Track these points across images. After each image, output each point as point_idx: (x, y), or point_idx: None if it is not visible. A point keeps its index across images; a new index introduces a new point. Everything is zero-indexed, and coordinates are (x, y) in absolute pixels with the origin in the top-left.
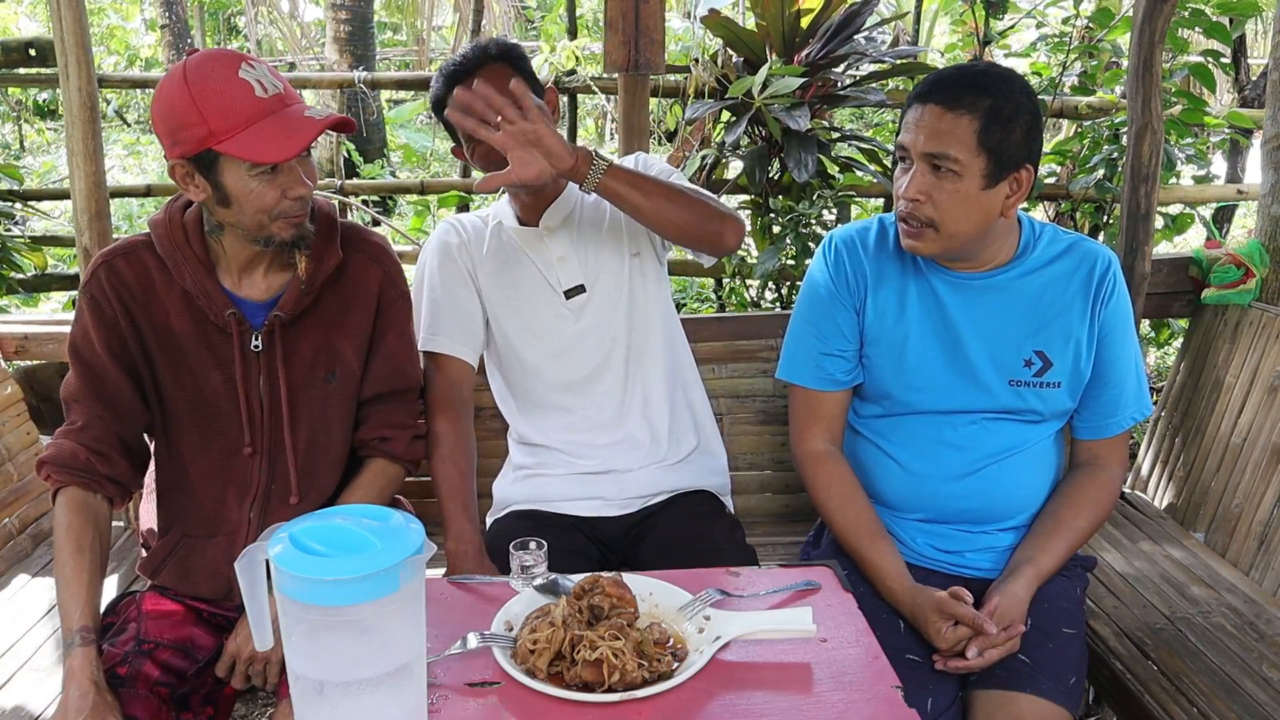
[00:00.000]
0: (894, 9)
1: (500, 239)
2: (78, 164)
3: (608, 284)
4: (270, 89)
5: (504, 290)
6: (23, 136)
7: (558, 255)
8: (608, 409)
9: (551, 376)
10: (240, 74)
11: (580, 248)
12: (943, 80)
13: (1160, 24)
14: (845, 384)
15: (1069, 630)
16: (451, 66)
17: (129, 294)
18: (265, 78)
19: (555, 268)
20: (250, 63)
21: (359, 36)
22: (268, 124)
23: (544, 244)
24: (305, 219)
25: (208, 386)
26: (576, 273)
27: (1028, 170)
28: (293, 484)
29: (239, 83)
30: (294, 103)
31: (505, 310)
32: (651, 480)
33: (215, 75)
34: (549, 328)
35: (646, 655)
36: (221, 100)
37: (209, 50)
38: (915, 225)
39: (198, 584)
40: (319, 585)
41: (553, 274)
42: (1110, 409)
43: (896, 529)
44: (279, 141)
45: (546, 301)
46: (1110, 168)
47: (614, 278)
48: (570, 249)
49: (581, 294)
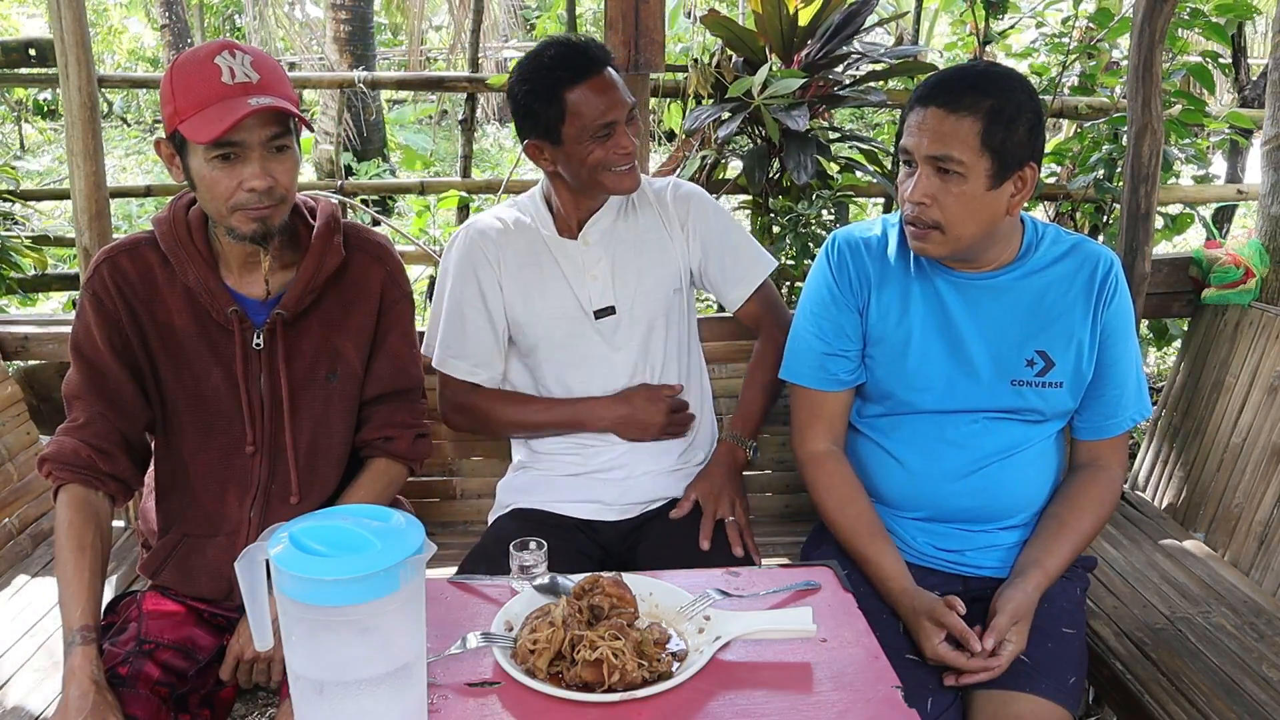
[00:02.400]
0: (894, 9)
1: (530, 243)
2: (78, 164)
3: (641, 311)
4: (240, 77)
5: (530, 301)
6: (23, 136)
7: (591, 273)
8: None
9: (572, 388)
10: (215, 60)
11: (617, 268)
12: (943, 82)
13: (1160, 24)
14: (848, 384)
15: (1069, 630)
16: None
17: (131, 291)
18: (240, 66)
19: (587, 285)
20: (234, 51)
21: (359, 36)
22: (219, 108)
23: (580, 258)
24: (269, 216)
25: (209, 384)
26: (609, 293)
27: (1032, 169)
28: (293, 483)
29: (211, 68)
30: (259, 93)
31: (530, 319)
32: (653, 487)
33: (195, 59)
34: (574, 344)
35: (646, 655)
36: (189, 81)
37: (206, 45)
38: (922, 228)
39: (198, 584)
40: (319, 585)
41: (584, 291)
42: (1111, 409)
43: (896, 528)
44: (211, 122)
45: (573, 318)
46: (1109, 168)
47: (649, 307)
48: (606, 268)
49: (611, 315)
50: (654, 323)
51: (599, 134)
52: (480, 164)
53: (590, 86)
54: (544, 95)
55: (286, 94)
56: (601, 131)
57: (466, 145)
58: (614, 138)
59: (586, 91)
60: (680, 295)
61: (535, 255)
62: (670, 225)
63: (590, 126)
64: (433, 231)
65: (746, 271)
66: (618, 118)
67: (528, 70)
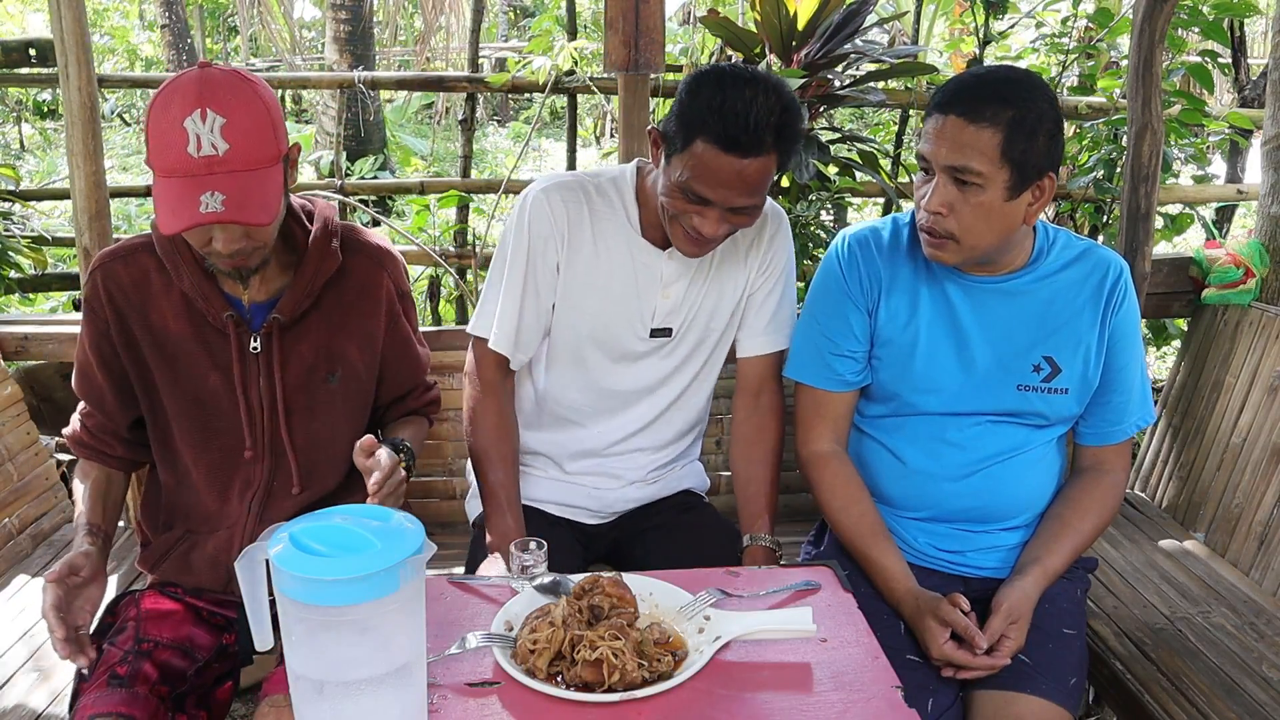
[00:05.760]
0: (893, 8)
1: (609, 230)
2: (78, 164)
3: (695, 334)
4: (205, 148)
5: (586, 297)
6: (23, 136)
7: (666, 290)
8: (616, 435)
9: (585, 392)
10: (186, 122)
11: (691, 292)
12: (964, 90)
13: (1160, 24)
14: (854, 384)
15: (1069, 631)
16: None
17: (124, 297)
18: (209, 134)
19: (656, 300)
20: (207, 112)
21: (359, 36)
22: (175, 185)
23: (659, 269)
24: (243, 264)
25: (206, 387)
26: (675, 315)
27: (1051, 179)
28: (295, 478)
29: (178, 134)
30: (218, 173)
31: (576, 317)
32: (633, 496)
33: (169, 111)
34: (614, 355)
35: (646, 655)
36: (160, 139)
37: (194, 78)
38: (937, 237)
39: (198, 575)
40: (319, 585)
41: (650, 308)
42: (1116, 415)
43: (898, 528)
44: (166, 213)
45: (626, 332)
46: (1109, 168)
47: (704, 332)
48: (681, 290)
49: (666, 338)
50: (699, 348)
51: (693, 197)
52: (479, 164)
53: (723, 160)
54: (686, 121)
55: (260, 158)
56: (696, 199)
57: (466, 145)
58: (705, 211)
59: (715, 158)
60: (734, 321)
61: (609, 246)
62: (749, 243)
63: (690, 186)
64: (432, 231)
65: (782, 329)
66: (720, 201)
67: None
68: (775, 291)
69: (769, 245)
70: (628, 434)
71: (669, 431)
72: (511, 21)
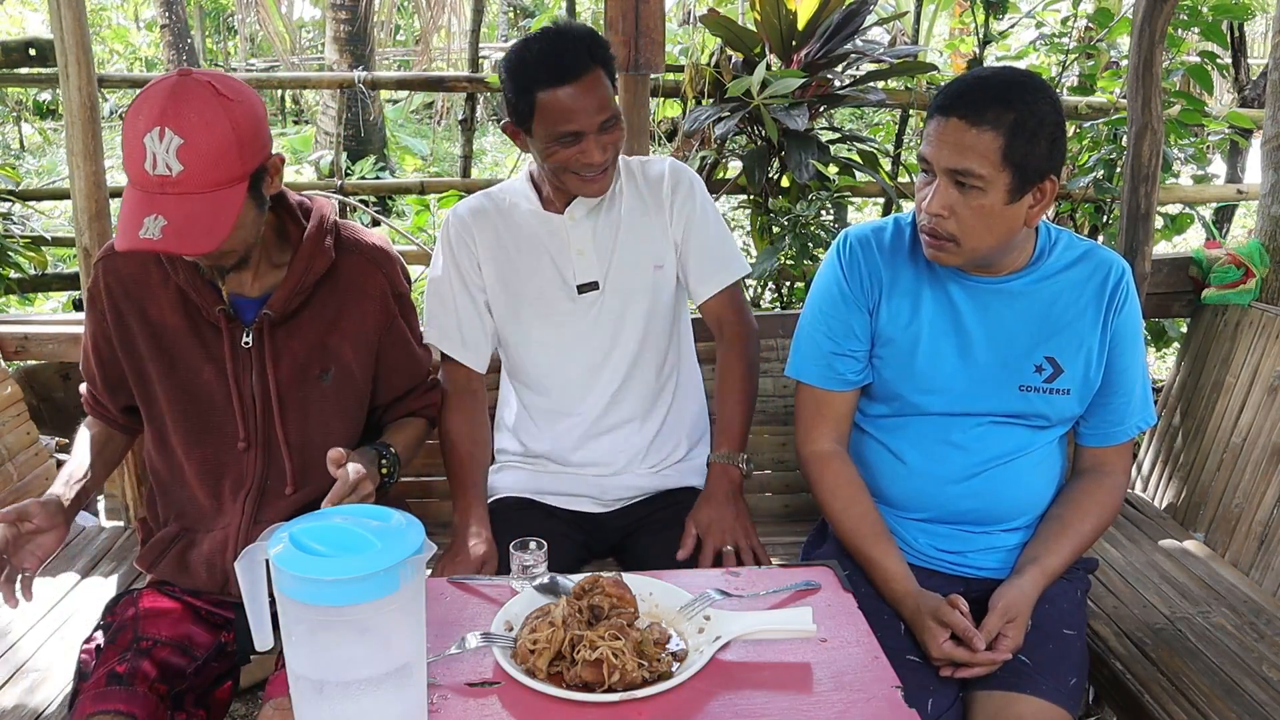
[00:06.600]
0: (893, 8)
1: (515, 221)
2: (78, 164)
3: (622, 285)
4: (160, 168)
5: (510, 278)
6: (23, 136)
7: (577, 248)
8: (597, 410)
9: (550, 373)
10: (146, 139)
11: (601, 243)
12: (965, 92)
13: (1160, 24)
14: (854, 384)
15: (1069, 631)
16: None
17: (123, 291)
18: (165, 154)
19: (573, 260)
20: (166, 131)
21: (359, 36)
22: (132, 197)
23: (565, 233)
24: (215, 264)
25: (200, 381)
26: (594, 268)
27: (1052, 181)
28: (288, 476)
29: (138, 148)
30: (170, 193)
31: (510, 297)
32: (636, 484)
33: (135, 123)
34: (555, 321)
35: (646, 655)
36: (126, 149)
37: (166, 89)
38: (938, 239)
39: (195, 576)
40: (319, 585)
41: (569, 267)
42: (1118, 417)
43: (898, 528)
44: (120, 227)
45: (556, 294)
46: (1108, 168)
47: (630, 282)
48: (591, 243)
49: (594, 290)
50: (632, 298)
51: (564, 139)
52: (479, 164)
53: (562, 93)
54: (518, 88)
55: (216, 180)
56: (567, 138)
57: (466, 145)
58: (580, 145)
59: (557, 97)
60: (663, 274)
61: (517, 232)
62: (657, 201)
63: (555, 131)
64: (432, 232)
65: (722, 267)
66: (584, 128)
67: (513, 59)
68: (699, 233)
69: (672, 196)
70: (606, 403)
71: (647, 394)
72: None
